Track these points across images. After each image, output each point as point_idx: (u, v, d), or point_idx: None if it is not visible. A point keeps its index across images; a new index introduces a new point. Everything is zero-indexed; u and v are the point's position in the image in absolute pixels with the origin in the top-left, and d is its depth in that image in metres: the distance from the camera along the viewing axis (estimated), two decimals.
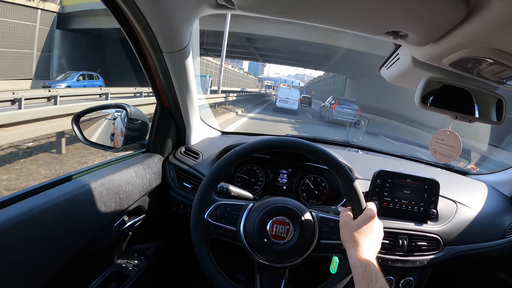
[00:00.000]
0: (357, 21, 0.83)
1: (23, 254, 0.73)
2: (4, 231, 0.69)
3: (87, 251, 0.95)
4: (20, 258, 0.72)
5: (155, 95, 1.29)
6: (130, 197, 1.10)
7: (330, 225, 0.90)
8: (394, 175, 1.19)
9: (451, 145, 1.01)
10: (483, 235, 1.26)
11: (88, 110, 1.27)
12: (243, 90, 47.88)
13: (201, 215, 0.89)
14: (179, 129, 1.41)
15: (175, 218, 1.33)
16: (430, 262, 1.19)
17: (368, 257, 0.77)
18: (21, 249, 0.73)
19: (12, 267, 0.71)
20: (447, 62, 0.80)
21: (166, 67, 1.13)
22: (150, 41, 1.02)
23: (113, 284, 1.11)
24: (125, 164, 1.15)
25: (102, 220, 0.99)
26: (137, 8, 0.88)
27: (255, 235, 0.87)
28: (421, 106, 0.89)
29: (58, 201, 0.82)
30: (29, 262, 0.74)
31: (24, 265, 0.73)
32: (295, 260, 0.89)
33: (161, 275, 1.41)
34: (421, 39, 0.79)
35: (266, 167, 1.39)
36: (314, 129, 13.70)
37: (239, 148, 0.93)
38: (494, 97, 0.91)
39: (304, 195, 1.36)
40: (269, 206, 0.90)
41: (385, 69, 1.17)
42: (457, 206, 1.27)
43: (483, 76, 0.83)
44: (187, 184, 1.30)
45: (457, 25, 0.67)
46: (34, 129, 4.48)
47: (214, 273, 0.86)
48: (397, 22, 0.77)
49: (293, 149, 0.93)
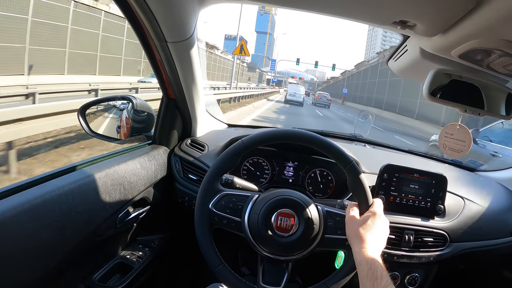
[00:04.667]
0: (365, 11, 0.82)
1: (26, 243, 0.73)
2: (8, 219, 0.69)
3: (91, 242, 0.96)
4: (24, 247, 0.73)
5: (160, 86, 1.29)
6: (135, 188, 1.10)
7: (336, 220, 0.89)
8: (401, 169, 1.17)
9: (461, 139, 0.99)
10: (490, 233, 1.24)
11: (94, 102, 1.27)
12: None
13: (206, 205, 0.88)
14: (185, 121, 1.41)
15: (180, 210, 1.33)
16: (436, 259, 1.18)
17: (373, 254, 0.76)
18: (24, 238, 0.73)
19: (16, 256, 0.71)
20: (456, 54, 0.78)
21: (171, 58, 1.13)
22: (154, 30, 1.01)
23: (117, 275, 1.12)
24: (131, 156, 1.15)
25: (107, 210, 0.99)
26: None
27: (259, 226, 0.86)
28: (430, 98, 0.87)
29: (62, 191, 0.83)
30: (32, 251, 0.75)
31: (27, 254, 0.73)
32: (299, 253, 0.88)
33: (165, 266, 1.41)
34: (429, 29, 0.77)
35: (272, 160, 1.38)
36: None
37: (246, 138, 0.92)
38: (504, 91, 0.90)
39: (310, 188, 1.36)
40: (274, 198, 0.89)
41: (393, 61, 1.15)
42: (464, 202, 1.25)
43: (492, 68, 0.81)
44: (192, 176, 1.30)
45: (466, 14, 0.66)
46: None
47: (217, 264, 0.85)
48: (406, 12, 0.75)
49: (300, 141, 0.92)
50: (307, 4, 0.85)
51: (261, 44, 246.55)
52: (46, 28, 13.04)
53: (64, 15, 14.16)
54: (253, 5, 0.94)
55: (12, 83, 10.32)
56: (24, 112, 3.85)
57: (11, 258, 0.70)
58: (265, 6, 1.07)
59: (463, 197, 1.27)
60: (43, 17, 12.78)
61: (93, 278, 1.04)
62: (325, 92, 36.74)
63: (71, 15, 14.46)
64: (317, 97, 30.31)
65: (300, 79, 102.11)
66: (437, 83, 0.87)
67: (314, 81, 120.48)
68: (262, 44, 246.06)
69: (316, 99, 29.65)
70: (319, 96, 29.90)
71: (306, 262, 0.94)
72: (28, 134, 3.98)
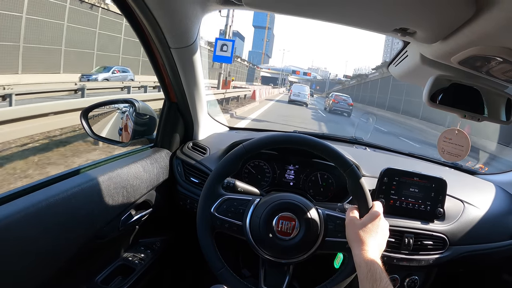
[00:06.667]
0: (366, 19, 0.82)
1: (30, 246, 0.74)
2: (13, 223, 0.70)
3: (94, 244, 0.96)
4: (28, 250, 0.74)
5: (163, 90, 1.30)
6: (137, 191, 1.11)
7: (336, 223, 0.90)
8: (401, 173, 1.18)
9: (460, 144, 1.00)
10: (490, 236, 1.24)
11: (97, 105, 1.28)
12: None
13: (208, 209, 0.89)
14: (187, 124, 1.42)
15: (182, 212, 1.34)
16: (435, 262, 1.18)
17: (373, 256, 0.77)
18: (28, 241, 0.74)
19: (19, 259, 0.72)
20: (456, 60, 0.79)
21: (174, 63, 1.14)
22: (158, 37, 1.02)
23: (119, 277, 1.12)
24: (133, 159, 1.16)
25: (110, 213, 1.00)
26: (145, 4, 0.88)
27: (261, 230, 0.88)
28: (430, 104, 0.88)
29: (66, 195, 0.83)
30: (36, 254, 0.75)
31: (31, 257, 0.74)
32: (300, 256, 0.89)
33: (167, 269, 1.42)
34: (429, 36, 0.78)
35: (273, 163, 1.39)
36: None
37: (247, 143, 0.93)
38: (504, 96, 0.90)
39: (310, 192, 1.37)
40: (275, 202, 0.90)
41: (393, 67, 1.16)
42: (464, 206, 1.26)
43: (492, 74, 0.82)
44: (194, 179, 1.31)
45: (466, 22, 0.66)
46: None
47: (219, 267, 0.86)
48: (406, 19, 0.76)
49: (301, 145, 0.94)
50: (309, 11, 0.86)
51: (259, 39, 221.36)
52: None
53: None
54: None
55: None
56: None
57: (15, 261, 0.71)
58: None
59: (463, 201, 1.27)
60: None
61: (96, 280, 1.05)
62: (343, 94, 24.97)
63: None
64: (333, 100, 21.42)
65: (306, 75, 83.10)
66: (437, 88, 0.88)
67: (323, 80, 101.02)
68: (260, 40, 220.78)
69: (333, 104, 21.24)
70: (336, 100, 21.38)
71: (306, 264, 0.95)
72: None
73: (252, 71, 66.70)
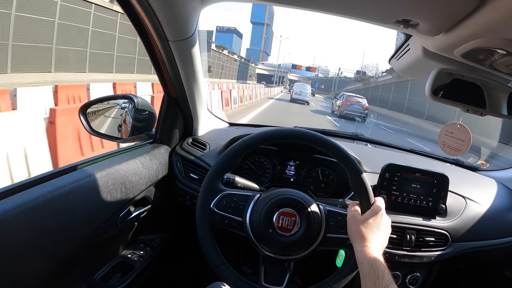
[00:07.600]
0: (368, 10, 0.81)
1: (28, 243, 0.73)
2: (9, 219, 0.69)
3: (93, 241, 0.96)
4: (25, 246, 0.73)
5: (162, 86, 1.29)
6: (136, 188, 1.10)
7: (338, 219, 0.89)
8: (403, 168, 1.17)
9: (461, 138, 0.99)
10: (492, 232, 1.24)
11: (96, 101, 1.27)
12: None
13: (207, 205, 0.88)
14: (186, 120, 1.41)
15: (181, 209, 1.33)
16: (437, 258, 1.17)
17: (375, 253, 0.76)
18: (26, 238, 0.73)
19: (17, 256, 0.71)
20: (459, 53, 0.78)
21: (173, 56, 1.13)
22: (156, 29, 1.01)
23: (118, 274, 1.12)
24: (132, 155, 1.15)
25: (108, 210, 0.99)
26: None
27: (261, 226, 0.86)
28: (432, 97, 0.87)
29: (63, 191, 0.82)
30: (33, 251, 0.75)
31: (29, 253, 0.73)
32: (301, 253, 0.88)
33: (166, 266, 1.41)
34: (432, 28, 0.77)
35: (273, 159, 1.38)
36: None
37: (247, 137, 0.92)
38: (507, 90, 0.89)
39: (311, 188, 1.36)
40: (276, 198, 0.89)
41: (395, 60, 1.15)
42: (466, 202, 1.25)
43: (495, 68, 0.81)
44: (193, 175, 1.30)
45: (469, 14, 0.65)
46: None
47: (218, 263, 0.85)
48: (408, 11, 0.75)
49: (302, 140, 0.92)
50: (309, 3, 0.85)
51: (258, 36, 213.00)
52: None
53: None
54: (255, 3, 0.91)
55: None
56: None
57: (12, 258, 0.70)
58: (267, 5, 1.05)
59: (465, 197, 1.26)
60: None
61: (95, 277, 1.04)
62: (358, 95, 20.11)
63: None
64: (345, 102, 17.78)
65: (310, 70, 69.32)
66: (440, 82, 0.87)
67: (326, 78, 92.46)
68: (258, 36, 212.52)
69: (344, 107, 17.58)
70: (348, 101, 17.79)
71: (307, 261, 0.94)
72: None
73: (245, 67, 57.78)
